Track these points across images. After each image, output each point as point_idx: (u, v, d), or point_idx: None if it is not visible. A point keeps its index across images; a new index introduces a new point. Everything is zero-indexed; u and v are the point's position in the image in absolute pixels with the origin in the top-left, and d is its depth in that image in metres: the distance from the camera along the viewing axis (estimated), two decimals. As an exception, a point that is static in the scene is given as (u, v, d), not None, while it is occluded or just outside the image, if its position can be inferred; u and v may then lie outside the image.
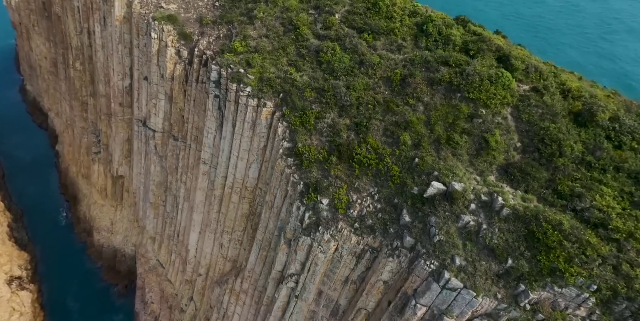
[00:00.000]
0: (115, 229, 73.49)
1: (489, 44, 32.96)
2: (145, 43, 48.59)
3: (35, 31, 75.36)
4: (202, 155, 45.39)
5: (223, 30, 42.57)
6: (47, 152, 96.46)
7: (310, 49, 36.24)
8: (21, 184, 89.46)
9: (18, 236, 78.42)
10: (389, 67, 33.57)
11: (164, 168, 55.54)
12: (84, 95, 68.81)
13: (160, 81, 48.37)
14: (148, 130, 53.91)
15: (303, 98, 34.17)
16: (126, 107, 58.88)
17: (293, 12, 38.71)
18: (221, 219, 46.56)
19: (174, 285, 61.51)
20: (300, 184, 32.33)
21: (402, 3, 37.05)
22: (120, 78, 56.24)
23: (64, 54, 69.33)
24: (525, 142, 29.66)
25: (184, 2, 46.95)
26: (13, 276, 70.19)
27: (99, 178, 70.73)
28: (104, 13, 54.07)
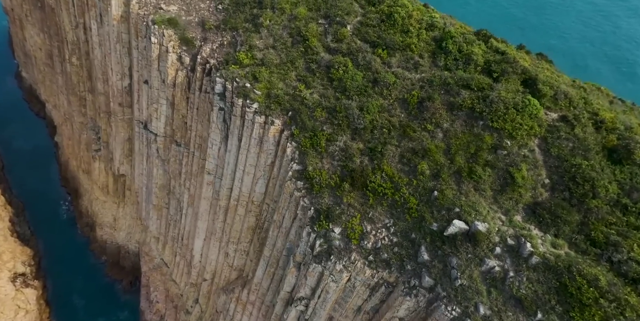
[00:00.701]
0: (118, 225, 72.88)
1: (514, 66, 30.96)
2: (144, 46, 46.51)
3: (29, 21, 72.59)
4: (207, 165, 44.13)
5: (227, 37, 40.49)
6: (46, 141, 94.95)
7: (320, 63, 34.38)
8: (21, 176, 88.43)
9: (20, 231, 77.93)
10: (405, 88, 31.80)
11: (166, 172, 54.34)
12: (81, 91, 66.84)
13: (161, 86, 46.57)
14: (149, 134, 52.42)
15: (313, 118, 32.63)
16: (126, 107, 57.12)
17: (302, 21, 36.57)
18: (226, 229, 45.73)
19: (179, 286, 61.33)
20: (311, 209, 31.25)
21: (419, 15, 34.83)
22: (119, 78, 54.27)
23: (59, 47, 66.90)
24: (554, 178, 28.11)
25: (185, 4, 44.60)
26: (17, 273, 69.99)
27: (100, 176, 69.57)
28: (100, 10, 51.66)
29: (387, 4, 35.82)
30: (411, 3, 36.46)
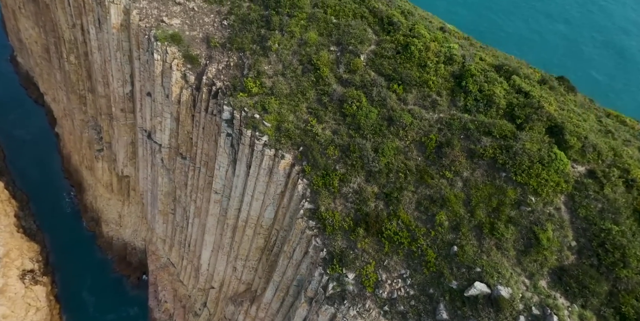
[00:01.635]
0: (123, 223, 73.05)
1: (539, 112, 29.41)
2: (146, 60, 44.87)
3: (23, 14, 69.85)
4: (214, 185, 43.54)
5: (233, 58, 38.85)
6: (46, 130, 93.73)
7: (332, 96, 33.07)
8: (23, 167, 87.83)
9: (26, 225, 78.18)
10: (423, 129, 30.65)
11: (171, 180, 53.80)
12: (81, 89, 65.22)
13: (165, 100, 45.28)
14: (153, 144, 51.51)
15: (325, 156, 31.78)
16: (128, 113, 55.87)
17: (312, 47, 34.90)
18: (234, 246, 45.71)
19: (186, 287, 62.10)
20: (324, 251, 30.96)
21: (437, 47, 33.08)
22: (120, 85, 52.75)
23: (56, 43, 64.70)
24: (581, 242, 27.21)
25: (188, 17, 42.58)
26: (25, 270, 70.74)
27: (104, 175, 69.04)
28: (98, 15, 49.49)
29: (402, 32, 34.01)
30: (428, 30, 34.61)
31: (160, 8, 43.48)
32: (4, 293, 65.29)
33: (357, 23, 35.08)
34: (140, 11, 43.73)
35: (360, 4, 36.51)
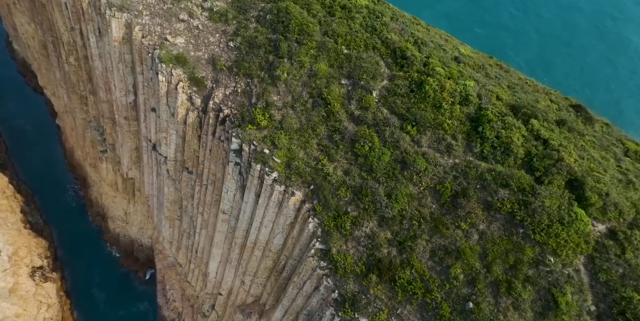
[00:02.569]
0: (129, 220, 73.53)
1: (559, 165, 28.66)
2: (150, 77, 43.75)
3: (17, 9, 67.50)
4: (222, 206, 43.48)
5: (241, 84, 37.82)
6: (47, 120, 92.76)
7: (344, 134, 32.39)
8: (26, 159, 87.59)
9: (33, 220, 78.78)
10: (437, 175, 30.13)
11: (177, 190, 53.67)
12: (82, 90, 63.98)
13: (170, 118, 44.50)
14: (159, 155, 51.04)
15: (337, 197, 31.53)
16: (132, 121, 55.02)
17: (322, 79, 33.84)
18: (243, 263, 46.16)
19: (194, 288, 63.23)
20: (335, 292, 31.25)
21: (452, 85, 31.98)
22: (123, 94, 51.67)
23: (54, 42, 62.85)
24: (601, 307, 27.03)
25: (193, 36, 41.11)
26: (35, 267, 71.83)
27: (108, 175, 68.87)
28: (98, 25, 47.82)
29: (416, 68, 32.84)
30: (442, 64, 33.38)
31: (163, 24, 41.94)
32: (15, 292, 66.57)
33: (369, 55, 33.84)
34: (142, 27, 42.19)
35: (372, 33, 35.12)
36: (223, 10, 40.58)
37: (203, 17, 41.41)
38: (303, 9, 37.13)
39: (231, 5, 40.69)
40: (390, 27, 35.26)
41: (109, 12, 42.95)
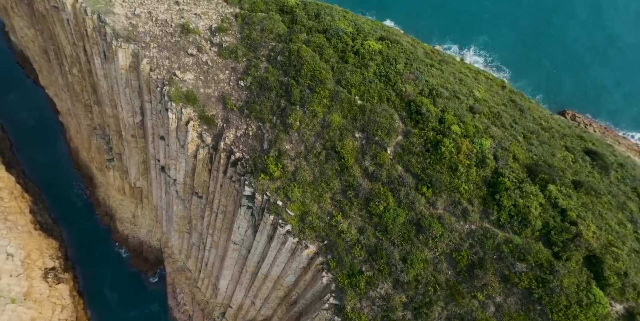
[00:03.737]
0: (138, 222, 74.52)
1: (577, 241, 28.66)
2: (159, 109, 43.28)
3: (16, 13, 65.48)
4: (233, 237, 44.09)
5: (252, 127, 37.50)
6: (50, 113, 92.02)
7: (358, 191, 32.45)
8: (31, 155, 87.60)
9: (42, 220, 79.80)
10: (453, 242, 30.34)
11: (187, 208, 54.19)
12: (86, 99, 63.19)
13: (180, 149, 44.40)
14: (168, 177, 51.19)
15: (351, 255, 32.07)
16: (139, 138, 54.79)
17: (336, 131, 33.54)
18: (254, 288, 47.26)
19: (204, 294, 64.99)
20: (349, 345, 32.32)
21: (468, 146, 31.63)
22: (130, 115, 51.26)
23: (55, 51, 61.50)
24: None
25: (202, 72, 40.32)
26: (47, 268, 73.51)
27: (115, 181, 69.23)
28: (103, 49, 46.69)
29: (432, 125, 32.40)
30: (458, 119, 32.88)
31: (171, 58, 41.03)
32: (30, 295, 68.52)
33: (384, 108, 33.36)
34: (150, 60, 41.33)
35: (387, 83, 34.42)
36: (233, 47, 39.62)
37: (212, 52, 40.46)
38: (315, 52, 36.26)
39: (241, 41, 39.69)
40: (404, 77, 34.55)
41: (115, 43, 41.96)
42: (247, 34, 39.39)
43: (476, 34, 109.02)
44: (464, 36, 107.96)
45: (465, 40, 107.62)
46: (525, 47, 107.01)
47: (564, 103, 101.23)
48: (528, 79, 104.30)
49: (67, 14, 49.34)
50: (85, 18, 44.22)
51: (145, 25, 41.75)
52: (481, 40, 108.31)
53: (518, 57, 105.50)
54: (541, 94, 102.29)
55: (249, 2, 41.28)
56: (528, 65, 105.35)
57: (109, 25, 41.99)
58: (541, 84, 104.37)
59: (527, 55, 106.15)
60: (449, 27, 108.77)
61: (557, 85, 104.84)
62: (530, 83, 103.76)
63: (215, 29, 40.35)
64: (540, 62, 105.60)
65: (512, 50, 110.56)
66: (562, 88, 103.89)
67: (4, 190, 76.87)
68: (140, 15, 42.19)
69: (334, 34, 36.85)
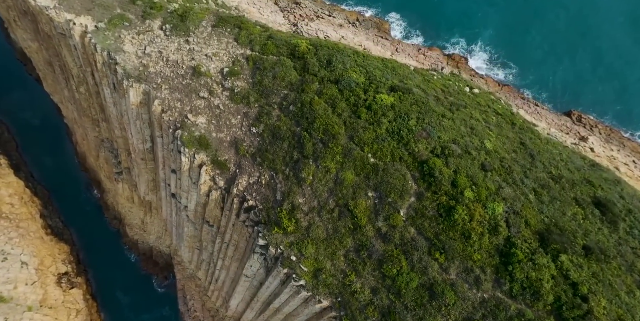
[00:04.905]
0: (147, 229, 75.97)
1: (588, 319, 29.52)
2: (171, 148, 43.63)
3: (19, 26, 64.40)
4: (245, 271, 45.32)
5: (265, 176, 38.04)
6: (53, 113, 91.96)
7: (371, 252, 33.35)
8: (38, 156, 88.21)
9: (52, 224, 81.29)
10: (466, 310, 31.29)
11: (197, 230, 55.32)
12: (93, 115, 63.21)
13: (192, 185, 45.01)
14: (179, 203, 52.04)
15: (364, 315, 33.23)
16: (149, 161, 55.27)
17: (349, 189, 34.13)
18: (264, 315, 48.94)
19: (214, 303, 67.18)
20: None
21: (481, 213, 32.23)
22: (140, 142, 51.58)
23: (61, 67, 60.94)
24: None
25: (214, 116, 40.47)
26: (60, 273, 75.64)
27: (124, 191, 70.10)
28: (113, 81, 46.57)
29: (445, 189, 32.93)
30: (470, 182, 33.35)
31: (183, 100, 41.08)
32: (45, 302, 70.87)
33: (396, 168, 33.83)
34: (162, 102, 41.39)
35: (399, 141, 34.69)
36: (244, 92, 39.62)
37: (224, 96, 40.47)
38: (327, 104, 36.36)
39: (252, 86, 39.64)
40: (416, 135, 34.80)
41: (127, 83, 41.90)
42: (258, 79, 39.30)
43: (483, 27, 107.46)
44: (471, 29, 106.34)
45: (473, 34, 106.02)
46: (532, 42, 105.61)
47: (570, 102, 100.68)
48: (534, 76, 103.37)
49: (74, 41, 48.82)
50: (95, 54, 43.87)
51: (156, 65, 41.54)
52: (487, 35, 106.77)
53: (525, 52, 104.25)
54: (547, 93, 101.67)
55: (259, 43, 40.90)
56: (535, 62, 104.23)
57: (120, 65, 41.78)
58: (548, 82, 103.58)
59: (533, 51, 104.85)
60: (456, 20, 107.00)
61: (564, 82, 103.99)
62: (536, 81, 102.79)
63: (226, 72, 40.18)
64: (547, 59, 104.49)
65: (519, 46, 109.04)
66: (569, 86, 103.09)
67: (14, 196, 77.98)
68: (151, 54, 41.91)
69: (346, 86, 36.83)
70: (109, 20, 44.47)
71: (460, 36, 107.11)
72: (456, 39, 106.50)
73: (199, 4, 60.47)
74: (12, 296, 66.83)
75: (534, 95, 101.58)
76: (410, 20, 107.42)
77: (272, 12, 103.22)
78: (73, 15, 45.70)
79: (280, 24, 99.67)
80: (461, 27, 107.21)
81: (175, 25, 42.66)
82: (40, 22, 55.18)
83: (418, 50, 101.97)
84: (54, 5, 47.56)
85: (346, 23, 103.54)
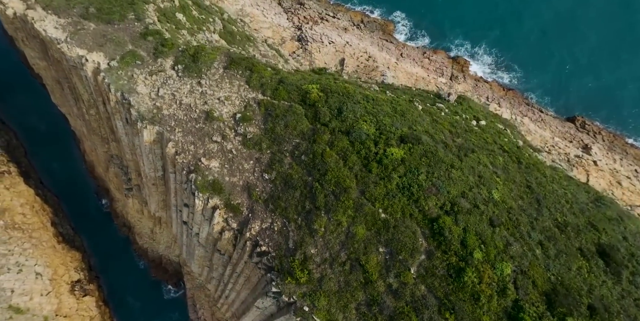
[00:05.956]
0: (156, 238, 77.80)
1: None
2: (185, 187, 44.66)
3: (27, 45, 64.35)
4: (257, 303, 47.05)
5: (277, 223, 39.27)
6: (60, 118, 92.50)
7: (382, 308, 34.74)
8: (46, 162, 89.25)
9: (63, 231, 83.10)
10: None
11: (208, 253, 56.93)
12: (103, 134, 64.00)
13: (204, 222, 46.29)
14: (190, 230, 53.45)
15: (375, 368, 34.88)
16: (160, 186, 56.43)
17: (360, 243, 35.39)
18: (276, 339, 51.05)
19: (224, 314, 69.56)
20: None
21: (490, 274, 33.46)
22: (151, 171, 52.61)
23: (71, 88, 61.33)
24: None
25: (227, 160, 41.40)
26: (73, 281, 77.91)
27: (134, 205, 71.49)
28: (125, 116, 47.28)
29: (454, 249, 34.10)
30: (480, 240, 34.50)
31: (196, 144, 41.93)
32: (60, 311, 73.34)
33: (407, 225, 34.99)
34: (175, 144, 42.27)
35: (409, 198, 35.71)
36: (257, 138, 40.43)
37: (236, 141, 41.28)
38: (339, 156, 37.25)
39: (264, 133, 40.42)
40: (426, 192, 35.80)
41: (141, 124, 42.67)
42: (270, 127, 40.05)
43: (488, 29, 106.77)
44: (476, 30, 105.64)
45: (477, 36, 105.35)
46: (537, 45, 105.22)
47: (575, 106, 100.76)
48: (539, 79, 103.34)
49: (86, 73, 49.26)
50: (109, 93, 44.43)
51: (169, 108, 42.21)
52: (492, 36, 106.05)
53: (529, 55, 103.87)
54: (550, 97, 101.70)
55: (271, 88, 41.44)
56: (539, 65, 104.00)
57: (134, 107, 42.42)
58: (552, 86, 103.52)
59: (538, 54, 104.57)
60: (461, 21, 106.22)
61: (568, 87, 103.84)
62: (540, 84, 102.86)
63: (239, 118, 40.89)
64: (552, 63, 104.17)
65: (523, 48, 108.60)
66: (573, 91, 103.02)
67: (26, 205, 79.56)
68: (164, 96, 42.52)
69: (357, 138, 37.62)
70: (121, 57, 44.83)
71: (464, 38, 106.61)
72: (460, 41, 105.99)
73: (207, 24, 60.49)
74: (29, 307, 69.16)
75: (537, 99, 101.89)
76: (415, 20, 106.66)
77: (276, 14, 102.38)
78: (85, 51, 46.04)
79: (285, 28, 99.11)
80: (465, 28, 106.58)
81: (187, 66, 43.08)
82: (50, 49, 55.41)
83: (423, 54, 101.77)
84: (65, 38, 47.83)
85: (350, 25, 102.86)
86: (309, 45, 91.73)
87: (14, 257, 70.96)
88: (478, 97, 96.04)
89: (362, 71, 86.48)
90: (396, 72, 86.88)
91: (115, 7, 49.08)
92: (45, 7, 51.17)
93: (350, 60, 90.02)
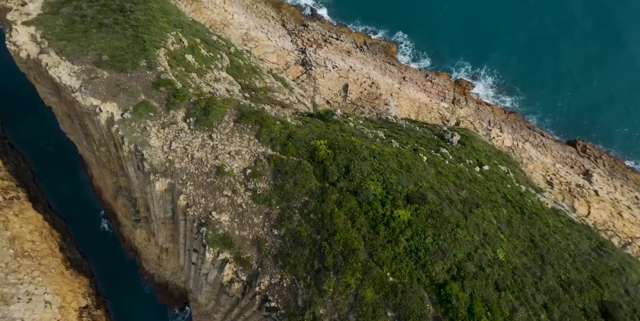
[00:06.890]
0: (163, 264, 79.03)
1: None
2: (194, 237, 45.82)
3: (38, 82, 65.51)
4: (265, 344, 48.32)
5: (286, 279, 40.43)
6: (67, 140, 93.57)
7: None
8: (54, 186, 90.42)
9: (71, 256, 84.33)
10: None
11: (215, 290, 58.08)
12: (112, 168, 65.16)
13: (214, 269, 47.43)
14: (199, 270, 54.59)
15: None
16: (169, 224, 57.59)
17: (369, 307, 36.53)
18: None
19: (229, 343, 70.76)
20: None
21: None
22: (161, 212, 53.75)
23: (82, 125, 62.46)
24: None
25: (237, 214, 42.55)
26: (81, 307, 79.19)
27: (142, 234, 72.69)
28: (137, 164, 48.41)
29: (461, 316, 35.18)
30: (486, 307, 35.58)
31: (207, 197, 43.10)
32: (68, 337, 74.57)
33: (414, 290, 36.10)
34: (187, 197, 43.43)
35: (417, 262, 36.86)
36: (266, 194, 41.57)
37: (246, 196, 42.43)
38: (347, 216, 38.37)
39: (274, 189, 41.56)
40: (433, 256, 36.96)
41: (153, 177, 43.81)
42: (280, 183, 41.20)
43: (489, 51, 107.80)
44: (477, 52, 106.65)
45: (478, 58, 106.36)
46: (539, 67, 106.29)
47: (576, 129, 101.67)
48: (540, 102, 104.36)
49: (99, 121, 50.40)
50: (123, 145, 45.58)
51: (181, 161, 43.36)
52: (494, 58, 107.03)
53: (531, 76, 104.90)
54: (551, 119, 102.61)
55: (280, 143, 42.58)
56: (541, 86, 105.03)
57: (147, 160, 43.57)
58: (554, 108, 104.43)
59: (540, 77, 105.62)
60: (462, 43, 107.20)
61: (570, 108, 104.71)
62: (541, 108, 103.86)
63: (249, 174, 42.04)
64: (553, 84, 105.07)
65: (524, 70, 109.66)
66: (574, 113, 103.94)
67: (34, 232, 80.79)
68: (177, 150, 43.65)
69: (364, 198, 38.79)
70: (134, 108, 45.97)
71: (465, 59, 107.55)
72: (461, 62, 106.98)
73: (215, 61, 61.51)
74: (38, 336, 70.44)
75: (538, 122, 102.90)
76: (417, 41, 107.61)
77: (280, 37, 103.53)
78: (99, 101, 47.19)
79: (289, 52, 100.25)
80: (467, 51, 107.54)
81: (199, 119, 44.22)
82: (63, 92, 56.57)
83: (425, 77, 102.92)
84: (80, 86, 49.00)
85: (354, 48, 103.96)
86: (313, 70, 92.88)
87: (24, 286, 72.22)
88: (480, 122, 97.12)
89: (365, 99, 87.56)
90: (399, 100, 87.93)
91: (127, 54, 50.17)
92: (59, 53, 52.31)
93: (354, 87, 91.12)
